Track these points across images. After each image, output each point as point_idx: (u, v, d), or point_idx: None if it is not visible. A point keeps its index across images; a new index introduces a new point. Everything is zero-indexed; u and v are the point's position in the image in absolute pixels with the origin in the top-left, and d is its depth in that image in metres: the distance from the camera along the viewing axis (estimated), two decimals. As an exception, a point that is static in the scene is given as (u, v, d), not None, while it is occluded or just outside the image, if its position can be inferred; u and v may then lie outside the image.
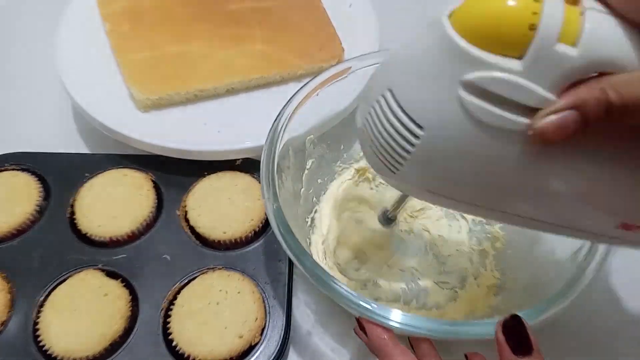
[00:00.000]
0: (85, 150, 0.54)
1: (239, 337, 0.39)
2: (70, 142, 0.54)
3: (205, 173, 0.48)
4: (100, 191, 0.47)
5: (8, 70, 0.61)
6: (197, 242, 0.45)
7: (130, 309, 0.41)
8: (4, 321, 0.40)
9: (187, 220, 0.46)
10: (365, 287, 0.44)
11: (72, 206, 0.47)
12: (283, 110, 0.41)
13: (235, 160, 0.49)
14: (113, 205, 0.46)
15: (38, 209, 0.46)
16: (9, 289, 0.42)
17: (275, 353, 0.39)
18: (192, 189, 0.48)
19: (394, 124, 0.27)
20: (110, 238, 0.44)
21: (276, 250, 0.44)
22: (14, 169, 0.49)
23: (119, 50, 0.52)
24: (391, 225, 0.43)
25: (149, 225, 0.46)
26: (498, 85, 0.23)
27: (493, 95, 0.23)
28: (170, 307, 0.41)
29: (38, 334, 0.39)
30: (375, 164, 0.30)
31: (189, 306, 0.40)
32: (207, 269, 0.43)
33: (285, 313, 0.41)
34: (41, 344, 0.39)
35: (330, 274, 0.33)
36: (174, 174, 0.49)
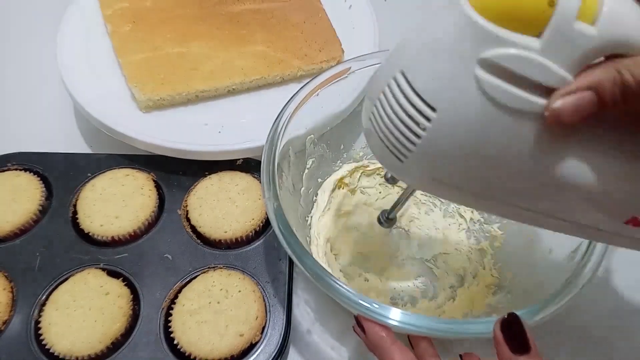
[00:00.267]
0: (87, 150, 0.54)
1: (240, 336, 0.39)
2: (73, 142, 0.55)
3: (206, 173, 0.49)
4: (102, 191, 0.47)
5: (11, 70, 0.62)
6: (198, 242, 0.45)
7: (131, 307, 0.41)
8: (6, 320, 0.40)
9: (189, 219, 0.46)
10: (364, 285, 0.44)
11: (74, 206, 0.47)
12: (283, 110, 0.42)
13: (235, 160, 0.49)
14: (115, 204, 0.46)
15: (40, 208, 0.46)
16: (11, 288, 0.42)
17: (275, 351, 0.39)
18: (193, 188, 0.48)
19: (405, 107, 0.26)
20: (112, 237, 0.45)
21: (276, 249, 0.44)
22: (16, 169, 0.49)
23: (120, 51, 0.52)
24: (391, 226, 0.43)
25: (151, 225, 0.46)
26: (516, 63, 0.23)
27: (510, 74, 0.23)
28: (172, 306, 0.41)
29: (40, 332, 0.40)
30: (381, 153, 0.29)
31: (190, 305, 0.41)
32: (208, 268, 0.43)
33: (285, 312, 0.41)
34: (43, 342, 0.39)
35: (330, 273, 0.34)
36: (175, 173, 0.49)
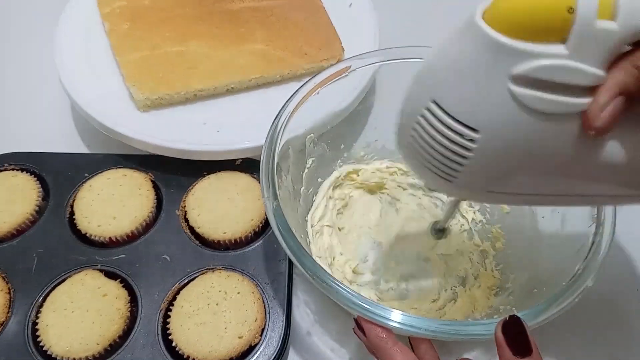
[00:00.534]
0: (84, 150, 0.54)
1: (239, 338, 0.39)
2: (70, 142, 0.54)
3: (204, 173, 0.48)
4: (99, 191, 0.47)
5: (7, 70, 0.61)
6: (197, 242, 0.45)
7: (129, 309, 0.41)
8: (3, 322, 0.40)
9: (187, 220, 0.46)
10: (365, 287, 0.44)
11: (72, 206, 0.47)
12: (283, 109, 0.41)
13: (235, 160, 0.49)
14: (112, 205, 0.46)
15: (37, 209, 0.46)
16: (8, 289, 0.42)
17: (275, 353, 0.39)
18: (192, 189, 0.48)
19: (446, 134, 0.27)
20: (110, 238, 0.44)
21: (276, 250, 0.44)
22: (13, 169, 0.49)
23: (118, 50, 0.52)
24: (441, 237, 0.44)
25: (149, 226, 0.46)
26: (548, 72, 0.24)
27: (545, 83, 0.24)
28: (170, 308, 0.41)
29: (37, 334, 0.39)
30: (428, 178, 0.30)
31: (188, 306, 0.40)
32: (207, 269, 0.43)
33: (285, 313, 0.41)
34: (40, 344, 0.39)
35: (330, 274, 0.33)
36: (173, 173, 0.49)
